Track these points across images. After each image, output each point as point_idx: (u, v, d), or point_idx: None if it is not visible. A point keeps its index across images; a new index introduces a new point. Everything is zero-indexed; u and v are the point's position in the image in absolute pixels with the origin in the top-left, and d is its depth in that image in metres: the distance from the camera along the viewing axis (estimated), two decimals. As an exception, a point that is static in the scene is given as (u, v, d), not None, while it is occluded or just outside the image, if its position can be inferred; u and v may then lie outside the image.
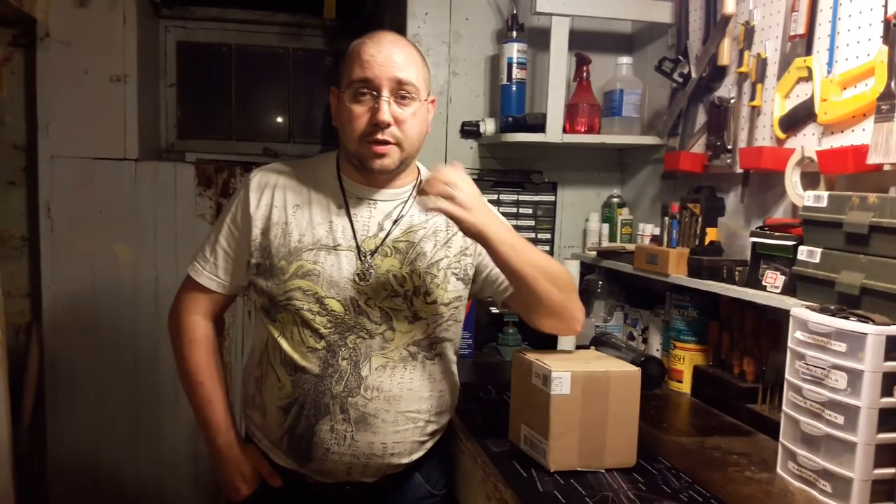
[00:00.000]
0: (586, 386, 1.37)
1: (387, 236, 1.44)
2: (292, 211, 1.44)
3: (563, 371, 1.36)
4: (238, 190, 1.50)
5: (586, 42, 2.42)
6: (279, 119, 3.58)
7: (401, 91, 1.36)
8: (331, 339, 1.40)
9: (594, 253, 2.38)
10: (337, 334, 1.40)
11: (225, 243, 1.48)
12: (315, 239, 1.42)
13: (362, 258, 1.42)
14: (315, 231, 1.42)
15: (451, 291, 1.48)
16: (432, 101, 1.48)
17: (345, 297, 1.40)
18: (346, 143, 1.42)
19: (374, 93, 1.35)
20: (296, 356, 1.41)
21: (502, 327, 2.38)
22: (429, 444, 1.53)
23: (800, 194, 1.64)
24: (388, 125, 1.35)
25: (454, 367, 1.56)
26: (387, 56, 1.36)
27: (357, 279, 1.41)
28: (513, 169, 2.52)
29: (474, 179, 2.38)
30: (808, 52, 1.66)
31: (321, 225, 1.43)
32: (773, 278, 1.59)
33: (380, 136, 1.35)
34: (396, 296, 1.43)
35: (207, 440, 1.54)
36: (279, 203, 1.44)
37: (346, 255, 1.42)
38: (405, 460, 1.48)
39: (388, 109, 1.34)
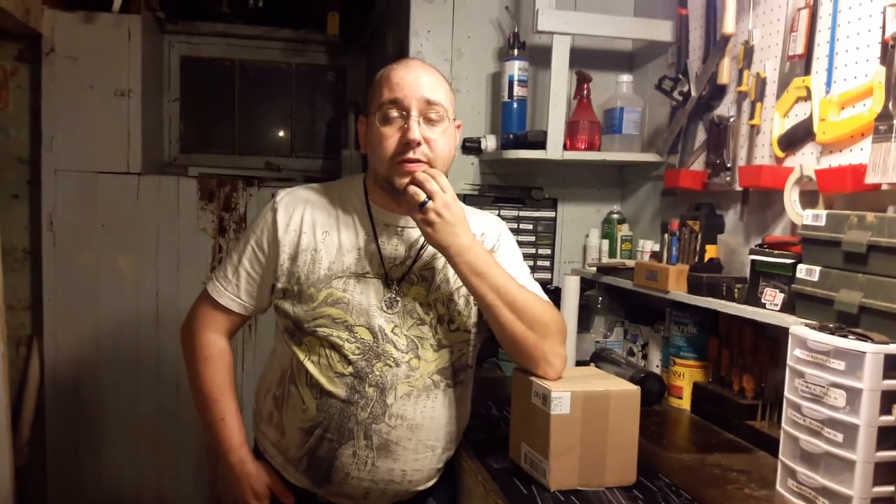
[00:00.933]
0: (586, 405, 1.37)
1: (413, 264, 1.45)
2: (321, 237, 1.43)
3: (563, 391, 1.36)
4: (263, 212, 1.49)
5: (587, 60, 2.44)
6: (281, 133, 3.61)
7: (430, 112, 1.37)
8: (359, 366, 1.40)
9: (594, 269, 2.39)
10: (365, 361, 1.40)
11: (248, 265, 1.47)
12: (344, 267, 1.42)
13: (389, 286, 1.43)
14: (344, 259, 1.42)
15: (472, 318, 1.49)
16: (458, 126, 1.48)
17: (373, 325, 1.41)
18: (375, 167, 1.42)
19: (404, 113, 1.36)
20: (323, 380, 1.41)
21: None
22: (443, 470, 1.54)
23: (798, 213, 1.65)
24: (419, 144, 1.35)
25: (470, 393, 1.57)
26: (415, 78, 1.38)
27: (384, 307, 1.42)
28: (513, 185, 2.54)
29: (475, 195, 2.44)
30: (807, 71, 1.67)
31: (350, 252, 1.43)
32: (773, 296, 1.60)
33: (411, 156, 1.35)
34: (423, 324, 1.43)
35: (220, 457, 1.53)
36: (308, 228, 1.44)
37: (375, 283, 1.42)
38: (421, 487, 1.49)
39: (417, 128, 1.35)
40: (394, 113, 1.37)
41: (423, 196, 1.32)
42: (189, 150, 3.45)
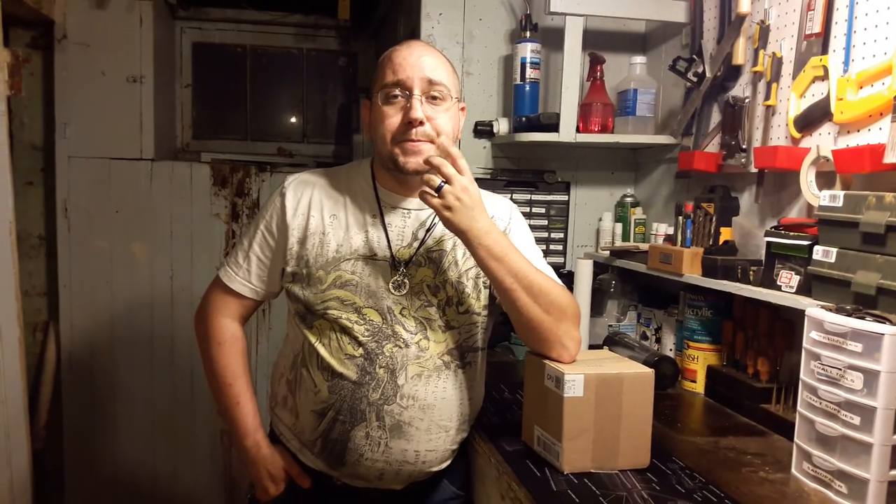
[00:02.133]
0: (599, 388, 1.36)
1: (420, 245, 1.45)
2: (329, 220, 1.44)
3: (576, 373, 1.35)
4: (272, 197, 1.50)
5: (600, 41, 2.42)
6: (293, 119, 3.61)
7: (432, 91, 1.37)
8: (369, 347, 1.41)
9: (607, 252, 2.38)
10: (375, 342, 1.41)
11: (259, 250, 1.49)
12: (352, 249, 1.43)
13: (397, 268, 1.43)
14: (352, 241, 1.43)
15: (482, 300, 1.49)
16: (462, 108, 1.48)
17: (381, 307, 1.41)
18: (379, 148, 1.42)
19: (407, 93, 1.36)
20: (334, 362, 1.41)
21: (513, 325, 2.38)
22: (457, 451, 1.54)
23: (815, 194, 1.63)
24: (421, 123, 1.35)
25: (482, 375, 1.57)
26: (417, 58, 1.38)
27: (392, 289, 1.42)
28: (526, 168, 2.52)
29: (487, 179, 2.43)
30: (824, 51, 1.65)
31: (358, 234, 1.44)
32: (788, 278, 1.59)
33: (412, 136, 1.35)
34: (430, 305, 1.44)
35: (235, 441, 1.55)
36: (316, 212, 1.45)
37: (382, 265, 1.43)
38: (436, 468, 1.49)
39: (419, 107, 1.35)
40: (396, 93, 1.37)
41: (438, 180, 1.30)
42: (201, 136, 3.46)
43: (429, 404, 1.43)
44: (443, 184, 1.30)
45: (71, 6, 2.74)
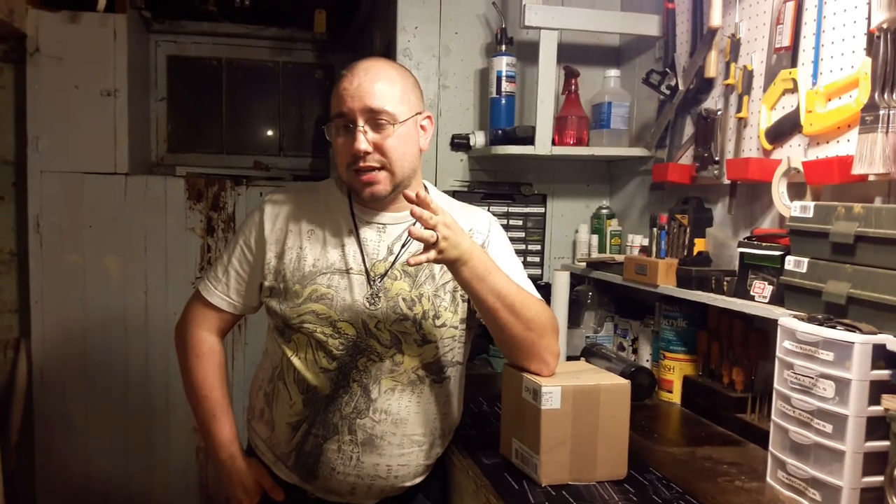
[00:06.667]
0: (577, 400, 1.37)
1: (395, 260, 1.45)
2: (307, 235, 1.45)
3: (554, 385, 1.36)
4: (252, 213, 1.51)
5: (574, 55, 2.44)
6: (269, 132, 3.59)
7: (375, 119, 1.36)
8: (343, 361, 1.41)
9: (584, 264, 2.39)
10: (349, 356, 1.41)
11: (237, 265, 1.50)
12: (329, 263, 1.43)
13: (372, 282, 1.43)
14: (328, 255, 1.44)
15: (459, 314, 1.48)
16: (427, 118, 1.47)
17: (357, 321, 1.42)
18: (340, 174, 1.44)
19: (351, 125, 1.37)
20: (308, 376, 1.42)
21: (493, 339, 2.38)
22: (432, 467, 1.54)
23: (786, 205, 1.65)
24: (367, 154, 1.36)
25: (460, 390, 1.57)
26: (358, 86, 1.37)
27: (367, 303, 1.42)
28: (503, 181, 2.53)
29: (465, 192, 2.43)
30: (794, 64, 1.67)
31: (334, 249, 1.44)
32: (761, 288, 1.60)
33: (362, 164, 1.36)
34: (406, 319, 1.43)
35: (211, 453, 1.56)
36: (294, 228, 1.46)
37: (358, 279, 1.43)
38: (408, 483, 1.49)
39: (363, 139, 1.35)
40: (342, 125, 1.38)
41: (433, 237, 1.24)
42: (177, 150, 3.43)
43: (402, 419, 1.43)
44: (435, 236, 1.24)
45: (43, 19, 2.71)
